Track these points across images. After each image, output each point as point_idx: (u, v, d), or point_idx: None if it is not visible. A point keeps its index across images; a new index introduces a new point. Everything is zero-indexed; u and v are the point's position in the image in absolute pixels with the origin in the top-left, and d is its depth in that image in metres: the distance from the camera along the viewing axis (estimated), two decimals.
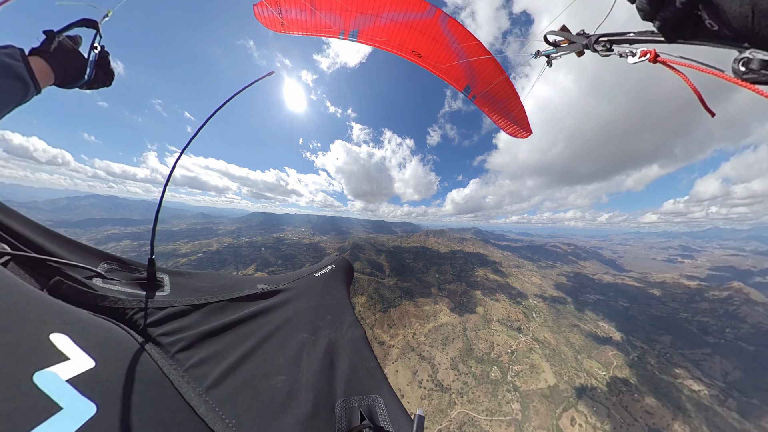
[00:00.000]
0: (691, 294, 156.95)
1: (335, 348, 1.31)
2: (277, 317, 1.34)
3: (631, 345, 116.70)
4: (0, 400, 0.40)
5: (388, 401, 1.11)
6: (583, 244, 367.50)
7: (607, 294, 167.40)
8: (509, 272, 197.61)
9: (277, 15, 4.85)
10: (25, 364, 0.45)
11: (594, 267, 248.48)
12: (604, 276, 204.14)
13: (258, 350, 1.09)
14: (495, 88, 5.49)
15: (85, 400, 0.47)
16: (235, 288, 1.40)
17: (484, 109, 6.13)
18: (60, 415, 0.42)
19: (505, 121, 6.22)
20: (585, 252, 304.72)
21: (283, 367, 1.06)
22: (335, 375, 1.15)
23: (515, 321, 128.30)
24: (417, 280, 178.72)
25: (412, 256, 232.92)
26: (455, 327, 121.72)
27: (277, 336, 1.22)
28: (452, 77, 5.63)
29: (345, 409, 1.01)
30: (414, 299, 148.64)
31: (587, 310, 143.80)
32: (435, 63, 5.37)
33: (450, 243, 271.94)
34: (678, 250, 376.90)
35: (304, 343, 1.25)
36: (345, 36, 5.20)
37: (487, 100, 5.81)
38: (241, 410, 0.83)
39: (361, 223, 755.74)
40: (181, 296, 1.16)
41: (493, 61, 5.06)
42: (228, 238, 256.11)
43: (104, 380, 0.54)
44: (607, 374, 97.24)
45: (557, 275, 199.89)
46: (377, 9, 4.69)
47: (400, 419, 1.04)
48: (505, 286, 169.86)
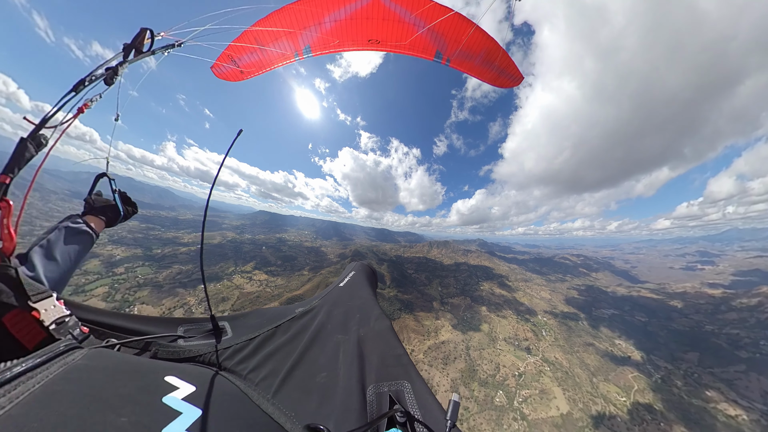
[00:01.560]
0: (715, 304, 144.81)
1: (364, 341, 1.56)
2: (315, 328, 1.67)
3: (653, 365, 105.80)
4: (144, 414, 0.64)
5: (416, 386, 1.23)
6: (594, 255, 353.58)
7: (623, 308, 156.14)
8: (516, 286, 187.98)
9: (234, 67, 4.92)
10: (156, 393, 0.74)
11: (607, 279, 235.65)
12: (618, 288, 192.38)
13: (304, 357, 1.41)
14: (468, 44, 5.11)
15: (194, 407, 0.74)
16: (280, 316, 1.76)
17: (463, 69, 5.74)
18: (180, 417, 0.68)
19: (490, 74, 5.78)
20: (596, 263, 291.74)
21: (324, 366, 1.36)
22: (365, 364, 1.36)
23: (523, 340, 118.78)
24: (418, 293, 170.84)
25: (415, 267, 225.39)
26: (457, 345, 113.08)
27: (316, 342, 1.54)
28: (418, 49, 5.41)
29: (375, 394, 1.17)
30: (414, 313, 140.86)
31: (602, 327, 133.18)
32: (396, 42, 5.18)
33: (454, 255, 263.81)
34: (696, 256, 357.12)
35: (339, 342, 1.55)
36: (300, 55, 5.22)
37: (463, 58, 5.39)
38: (297, 405, 1.11)
39: (364, 230, 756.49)
40: (241, 335, 1.53)
41: (457, 15, 4.66)
42: (231, 233, 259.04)
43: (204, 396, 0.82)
44: (628, 400, 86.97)
45: (568, 289, 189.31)
46: (317, 17, 4.65)
47: (429, 404, 1.13)
48: (512, 301, 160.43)
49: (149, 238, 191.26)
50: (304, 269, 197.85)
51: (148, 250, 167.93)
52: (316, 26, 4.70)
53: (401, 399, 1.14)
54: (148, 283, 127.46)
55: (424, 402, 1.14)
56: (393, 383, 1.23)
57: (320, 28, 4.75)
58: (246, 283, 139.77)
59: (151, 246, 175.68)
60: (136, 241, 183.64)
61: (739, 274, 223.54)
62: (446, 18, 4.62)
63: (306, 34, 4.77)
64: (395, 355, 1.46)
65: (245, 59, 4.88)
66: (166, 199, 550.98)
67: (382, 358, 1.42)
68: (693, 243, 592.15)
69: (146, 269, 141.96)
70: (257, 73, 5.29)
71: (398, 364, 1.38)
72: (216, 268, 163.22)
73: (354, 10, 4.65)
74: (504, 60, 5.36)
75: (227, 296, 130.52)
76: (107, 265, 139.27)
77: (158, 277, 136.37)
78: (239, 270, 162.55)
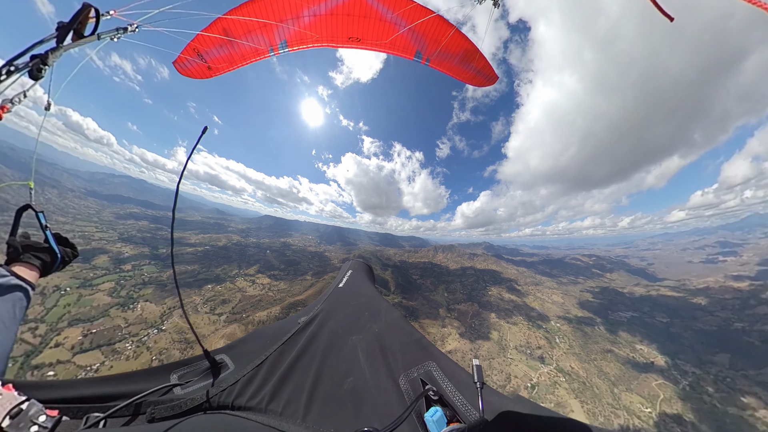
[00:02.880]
0: (743, 298, 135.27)
1: (381, 335, 1.54)
2: (326, 335, 1.58)
3: (679, 371, 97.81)
4: None
5: (441, 362, 1.29)
6: (606, 254, 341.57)
7: (642, 309, 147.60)
8: (526, 290, 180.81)
9: (200, 62, 4.67)
10: None
11: (622, 279, 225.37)
12: (636, 288, 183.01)
13: (323, 369, 1.31)
14: (448, 45, 5.32)
15: None
16: (283, 333, 1.62)
17: (442, 69, 5.99)
18: None
19: (467, 74, 6.09)
20: (610, 262, 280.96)
21: (348, 371, 1.29)
22: (389, 357, 1.35)
23: (536, 348, 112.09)
24: (424, 299, 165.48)
25: (420, 273, 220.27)
26: (465, 354, 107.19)
27: (332, 350, 1.46)
28: (398, 48, 5.52)
29: (408, 382, 1.18)
30: (419, 320, 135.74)
31: (621, 331, 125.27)
32: (376, 41, 5.18)
33: (460, 259, 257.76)
34: (716, 248, 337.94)
35: (355, 343, 1.49)
36: (275, 50, 5.04)
37: (442, 59, 5.65)
38: (333, 419, 1.06)
39: (368, 235, 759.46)
40: (244, 364, 1.38)
41: (438, 18, 4.85)
42: (237, 236, 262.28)
43: None
44: (654, 411, 79.87)
45: (581, 292, 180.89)
46: (295, 10, 4.49)
47: (457, 375, 1.20)
48: (522, 306, 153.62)
49: (156, 238, 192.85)
50: (307, 274, 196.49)
51: (155, 249, 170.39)
52: (293, 20, 4.55)
53: (431, 378, 1.19)
54: (153, 282, 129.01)
55: (452, 374, 1.20)
56: (420, 366, 1.27)
57: (298, 22, 4.61)
58: (248, 287, 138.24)
59: (158, 245, 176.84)
60: (145, 240, 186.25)
61: (765, 264, 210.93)
62: (427, 20, 4.74)
63: (282, 27, 4.58)
64: (414, 340, 1.49)
65: (213, 53, 4.54)
66: None
67: (404, 347, 1.43)
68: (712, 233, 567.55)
69: (152, 268, 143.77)
70: (226, 70, 4.94)
71: (419, 347, 1.42)
72: (218, 270, 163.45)
73: (334, 5, 4.58)
74: (480, 61, 5.69)
75: (228, 299, 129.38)
76: (115, 261, 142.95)
77: (162, 276, 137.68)
78: (242, 273, 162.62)
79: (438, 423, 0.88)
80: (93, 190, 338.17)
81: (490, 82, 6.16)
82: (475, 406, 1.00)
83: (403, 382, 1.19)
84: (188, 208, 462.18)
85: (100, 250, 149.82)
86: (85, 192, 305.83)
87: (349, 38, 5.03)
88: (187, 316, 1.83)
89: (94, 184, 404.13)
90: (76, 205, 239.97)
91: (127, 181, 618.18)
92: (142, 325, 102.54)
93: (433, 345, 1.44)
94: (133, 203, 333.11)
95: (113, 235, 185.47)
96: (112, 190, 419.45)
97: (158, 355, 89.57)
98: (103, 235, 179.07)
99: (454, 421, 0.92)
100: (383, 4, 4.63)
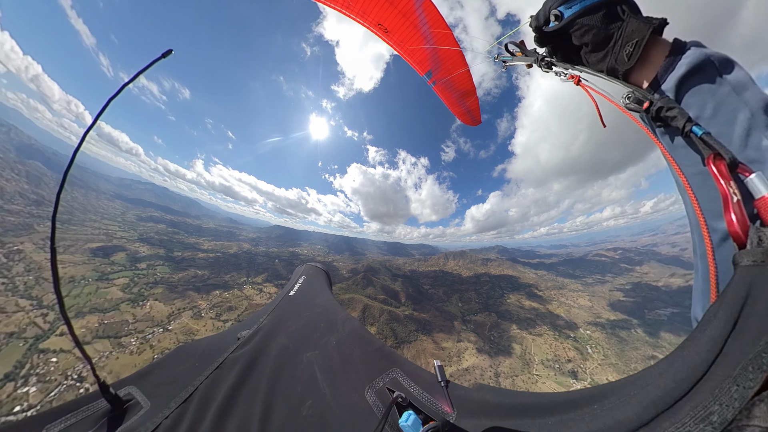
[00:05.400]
0: None
1: (340, 347, 1.36)
2: (274, 353, 1.31)
3: None
4: None
5: (406, 368, 1.21)
6: (633, 245, 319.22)
7: (683, 303, 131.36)
8: (548, 296, 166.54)
9: None
10: None
11: (655, 271, 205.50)
12: (672, 280, 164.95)
13: (274, 395, 1.08)
14: (456, 78, 5.64)
15: None
16: (217, 350, 1.33)
17: (441, 96, 6.37)
18: None
19: (459, 109, 6.63)
20: (638, 254, 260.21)
21: (305, 394, 1.09)
22: (351, 371, 1.21)
23: (566, 361, 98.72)
24: (436, 311, 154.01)
25: (431, 282, 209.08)
26: (485, 371, 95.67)
27: (284, 370, 1.21)
28: (416, 59, 5.70)
29: (374, 393, 1.09)
30: (432, 335, 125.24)
31: (662, 332, 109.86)
32: (401, 41, 5.32)
33: (473, 265, 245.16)
34: None
35: (311, 361, 1.27)
36: None
37: (446, 87, 6.00)
38: None
39: (376, 244, 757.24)
40: (163, 399, 1.04)
41: (460, 53, 5.20)
42: (247, 244, 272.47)
43: None
44: None
45: (610, 291, 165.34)
46: None
47: (422, 377, 1.14)
48: (545, 314, 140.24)
49: (173, 241, 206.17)
50: None
51: (170, 251, 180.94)
52: None
53: (398, 385, 1.12)
54: (164, 282, 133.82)
55: (418, 378, 1.15)
56: (385, 375, 1.18)
57: None
58: (255, 294, 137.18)
59: (173, 248, 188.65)
60: (161, 242, 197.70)
61: None
62: (451, 49, 5.06)
63: None
64: (376, 349, 1.36)
65: None
66: (193, 209, 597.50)
67: (365, 357, 1.31)
68: None
69: (165, 269, 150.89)
70: None
71: (382, 356, 1.31)
72: (227, 277, 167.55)
73: None
74: (474, 103, 6.39)
75: (235, 305, 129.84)
76: (132, 259, 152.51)
77: (173, 277, 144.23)
78: (250, 281, 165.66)
79: (414, 425, 0.85)
80: (120, 194, 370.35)
81: (474, 123, 7.03)
82: (445, 404, 0.99)
83: (369, 395, 1.09)
84: (204, 215, 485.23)
85: (120, 248, 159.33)
86: (114, 195, 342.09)
87: (379, 24, 5.12)
88: (70, 323, 0.80)
89: (123, 188, 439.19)
90: (105, 205, 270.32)
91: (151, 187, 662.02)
92: (148, 322, 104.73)
93: (395, 352, 1.35)
94: (154, 207, 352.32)
95: (133, 234, 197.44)
96: (137, 194, 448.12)
97: (160, 354, 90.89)
98: (124, 234, 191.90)
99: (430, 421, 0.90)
100: (425, 15, 4.81)
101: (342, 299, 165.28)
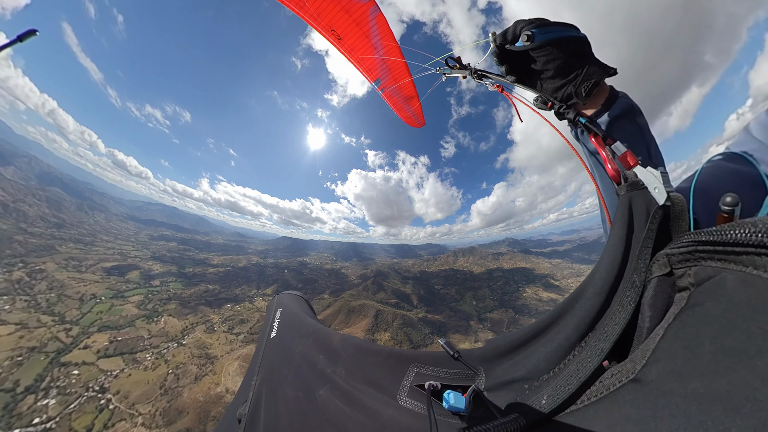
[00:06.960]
0: None
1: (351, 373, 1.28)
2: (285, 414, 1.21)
3: None
4: None
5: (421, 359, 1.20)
6: None
7: None
8: (566, 285, 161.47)
9: None
10: None
11: None
12: None
13: None
14: (402, 86, 6.10)
15: None
16: None
17: (389, 101, 6.85)
18: None
19: (404, 113, 7.14)
20: None
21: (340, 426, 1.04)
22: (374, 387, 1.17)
23: None
24: (450, 311, 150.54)
25: (442, 282, 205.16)
26: None
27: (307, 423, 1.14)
28: (365, 67, 6.07)
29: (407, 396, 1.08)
30: (448, 337, 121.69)
31: None
32: (351, 49, 5.59)
33: (484, 261, 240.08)
34: None
35: (328, 397, 1.18)
36: None
37: (393, 94, 6.50)
38: None
39: (383, 248, 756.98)
40: None
41: (405, 64, 5.55)
42: (256, 257, 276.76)
43: None
44: None
45: None
46: None
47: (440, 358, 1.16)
48: None
49: (184, 258, 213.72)
50: (325, 293, 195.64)
51: (182, 267, 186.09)
52: None
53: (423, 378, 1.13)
54: (177, 298, 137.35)
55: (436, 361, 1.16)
56: (408, 375, 1.16)
57: None
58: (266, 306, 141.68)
59: (185, 264, 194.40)
60: (173, 259, 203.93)
61: None
62: (397, 60, 5.46)
63: None
64: (386, 357, 1.29)
65: None
66: (202, 226, 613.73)
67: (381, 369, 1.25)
68: None
69: (177, 285, 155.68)
70: None
71: (395, 360, 1.25)
72: (238, 290, 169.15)
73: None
74: (418, 109, 6.96)
75: (246, 318, 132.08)
76: (146, 277, 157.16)
77: (186, 293, 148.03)
78: (261, 293, 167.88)
79: (456, 401, 0.90)
80: (133, 215, 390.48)
81: (419, 125, 7.59)
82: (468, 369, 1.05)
83: (403, 401, 1.08)
84: (213, 231, 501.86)
85: (134, 266, 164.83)
86: (127, 216, 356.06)
87: (332, 30, 5.27)
88: None
89: (134, 210, 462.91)
90: (119, 227, 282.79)
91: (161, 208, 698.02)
92: (163, 338, 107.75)
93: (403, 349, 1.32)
94: (165, 227, 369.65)
95: (146, 253, 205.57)
96: (149, 215, 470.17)
97: (175, 369, 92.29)
98: (138, 253, 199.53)
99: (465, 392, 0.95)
100: (377, 27, 5.10)
101: (353, 306, 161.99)
